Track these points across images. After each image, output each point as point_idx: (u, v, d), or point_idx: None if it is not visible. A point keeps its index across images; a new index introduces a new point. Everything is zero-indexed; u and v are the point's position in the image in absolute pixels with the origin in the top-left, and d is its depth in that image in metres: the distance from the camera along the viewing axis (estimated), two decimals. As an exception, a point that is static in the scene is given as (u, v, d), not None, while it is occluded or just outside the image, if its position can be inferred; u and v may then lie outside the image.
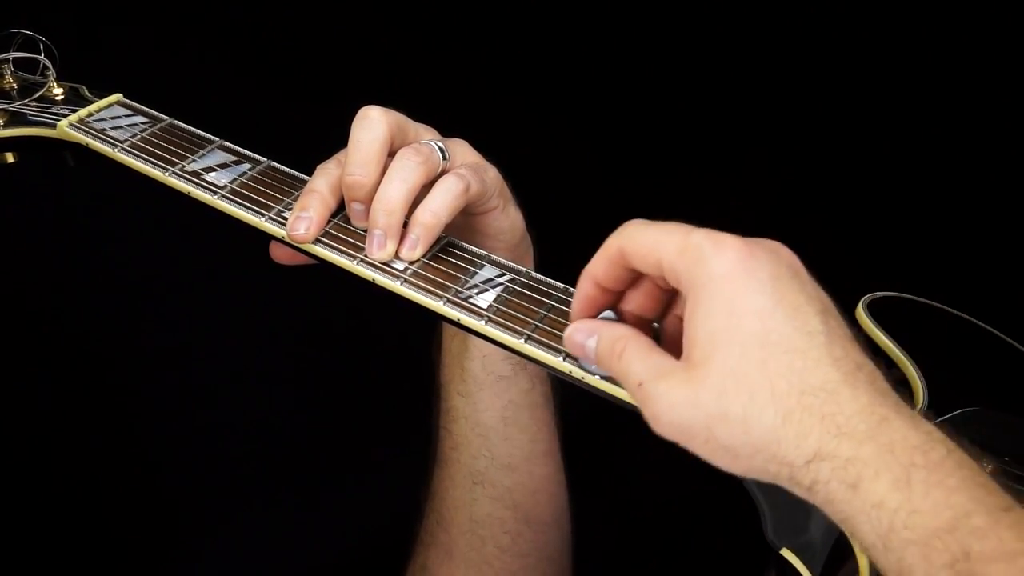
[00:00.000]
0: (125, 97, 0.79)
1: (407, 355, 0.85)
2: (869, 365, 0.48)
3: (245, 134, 0.76)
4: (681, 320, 0.51)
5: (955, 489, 0.43)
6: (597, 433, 0.83)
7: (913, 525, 0.43)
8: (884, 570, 0.44)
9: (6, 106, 0.77)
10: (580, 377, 0.59)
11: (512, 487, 0.79)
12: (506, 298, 0.63)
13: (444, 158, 0.67)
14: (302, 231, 0.65)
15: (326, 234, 0.66)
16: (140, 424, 1.26)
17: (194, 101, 0.80)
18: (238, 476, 1.23)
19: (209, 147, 0.74)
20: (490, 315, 0.62)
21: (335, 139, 0.69)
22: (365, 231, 0.66)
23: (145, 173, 0.72)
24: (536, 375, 0.79)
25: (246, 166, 0.72)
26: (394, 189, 0.64)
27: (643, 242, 0.52)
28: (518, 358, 0.76)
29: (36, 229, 1.22)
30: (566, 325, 0.61)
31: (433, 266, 0.65)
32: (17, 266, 1.19)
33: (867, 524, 0.44)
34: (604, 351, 0.53)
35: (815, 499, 0.46)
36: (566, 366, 0.59)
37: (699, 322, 0.48)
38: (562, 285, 0.65)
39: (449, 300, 0.63)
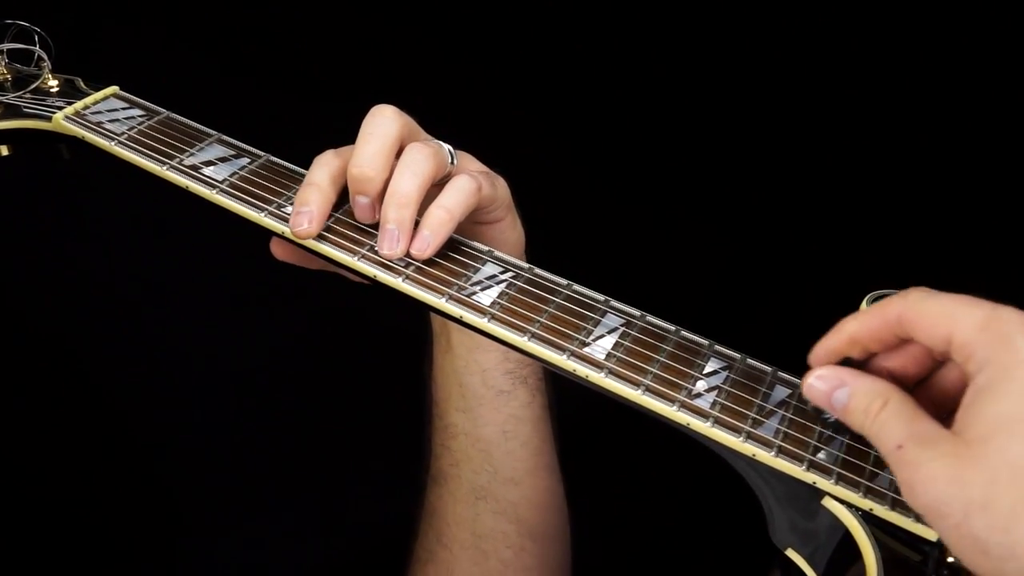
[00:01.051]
0: (121, 90, 0.78)
1: (408, 358, 0.84)
2: None
3: (243, 128, 0.75)
4: (940, 390, 0.49)
5: None
6: (597, 434, 0.82)
7: None
8: None
9: (0, 98, 0.76)
10: (584, 376, 0.59)
11: (516, 501, 0.78)
12: (509, 295, 0.63)
13: (452, 160, 0.67)
14: (304, 225, 0.64)
15: (328, 229, 0.66)
16: (138, 425, 1.25)
17: (191, 94, 0.79)
18: (237, 479, 1.22)
19: (207, 141, 0.73)
20: (493, 312, 0.61)
21: (333, 133, 0.68)
22: (368, 226, 0.65)
23: (142, 167, 0.71)
24: (536, 388, 0.78)
25: (245, 160, 0.71)
26: (406, 181, 0.63)
27: (934, 312, 0.48)
28: (518, 372, 0.77)
29: (32, 225, 1.21)
30: (570, 322, 0.61)
31: (436, 262, 0.65)
32: (13, 263, 1.18)
33: None
34: (858, 406, 0.50)
35: None
36: (570, 364, 0.59)
37: (988, 400, 0.45)
38: (566, 281, 0.65)
39: (452, 297, 0.62)
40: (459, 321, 0.62)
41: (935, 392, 0.52)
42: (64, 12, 1.06)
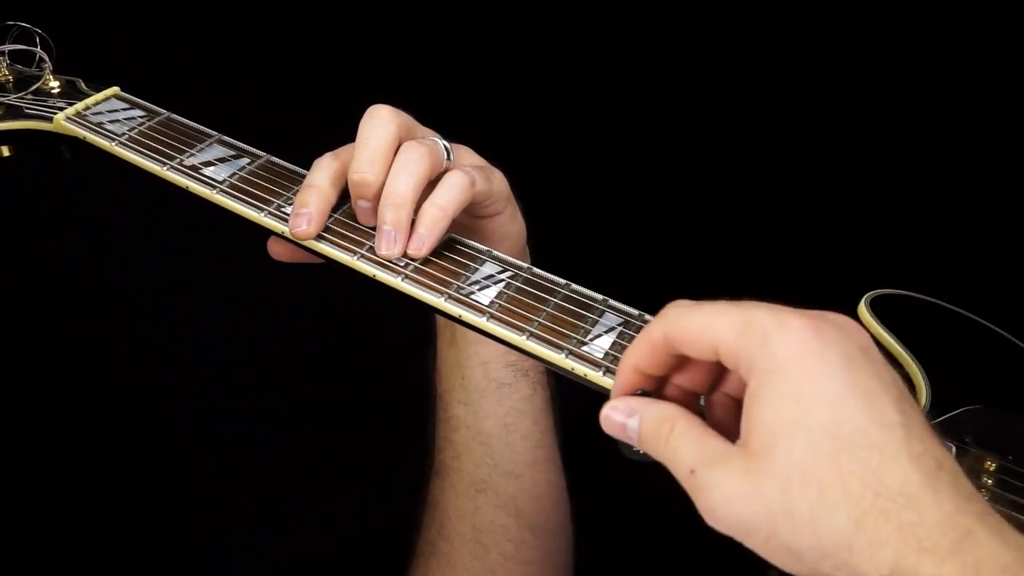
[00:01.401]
0: (122, 91, 0.78)
1: (406, 362, 0.85)
2: (949, 461, 0.44)
3: (243, 129, 0.75)
4: (730, 398, 0.48)
5: None
6: (597, 434, 0.82)
7: None
8: None
9: (2, 99, 0.77)
10: (583, 375, 0.59)
11: (516, 494, 0.78)
12: (508, 294, 0.63)
13: (448, 157, 0.67)
14: (304, 227, 0.65)
15: (327, 229, 0.66)
16: (138, 425, 1.25)
17: (192, 95, 0.79)
18: (237, 478, 1.23)
19: (208, 141, 0.73)
20: (492, 312, 0.62)
21: (334, 135, 0.69)
22: (371, 228, 0.65)
23: (143, 167, 0.71)
24: (537, 381, 0.78)
25: (245, 160, 0.72)
26: (401, 182, 0.64)
27: (693, 327, 0.47)
28: (519, 365, 0.77)
29: (33, 225, 1.21)
30: (568, 321, 0.61)
31: (435, 262, 0.65)
32: (13, 263, 1.19)
33: None
34: (648, 433, 0.48)
35: None
36: (568, 363, 0.59)
37: (762, 407, 0.44)
38: (564, 281, 0.65)
39: (451, 296, 0.63)
40: (458, 320, 0.62)
41: (731, 400, 0.50)
42: (65, 14, 1.06)
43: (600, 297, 0.64)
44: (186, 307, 1.25)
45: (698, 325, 0.47)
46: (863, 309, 0.72)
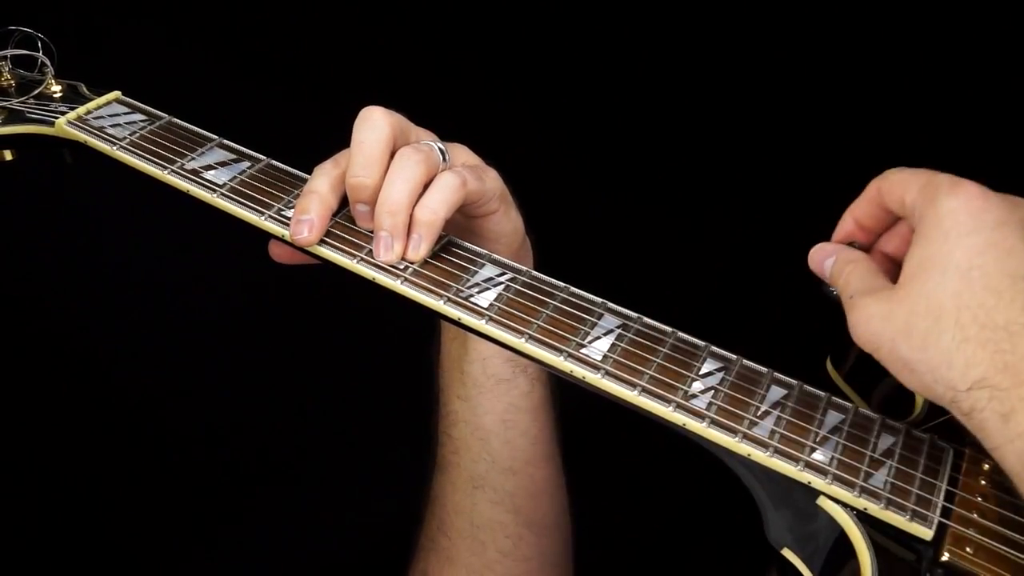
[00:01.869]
0: (124, 95, 0.79)
1: (409, 357, 0.85)
2: None
3: (244, 132, 0.75)
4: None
5: None
6: (596, 434, 0.83)
7: None
8: None
9: (4, 103, 0.77)
10: (581, 377, 0.59)
11: (513, 491, 0.79)
12: (507, 297, 0.63)
13: (444, 159, 0.67)
14: (304, 234, 0.65)
15: (327, 233, 0.66)
16: (139, 424, 1.25)
17: (193, 99, 0.80)
18: (238, 477, 1.23)
19: (208, 145, 0.73)
20: (491, 314, 0.62)
21: (334, 138, 0.69)
22: (370, 231, 0.66)
23: (144, 171, 0.72)
24: (536, 378, 0.79)
25: (245, 164, 0.72)
26: (396, 189, 0.64)
27: (895, 181, 0.56)
28: (518, 361, 0.77)
29: (34, 227, 1.21)
30: (567, 325, 0.62)
31: (434, 265, 0.65)
32: (15, 264, 1.19)
33: (1013, 454, 0.48)
34: (836, 270, 0.58)
35: (971, 425, 0.50)
36: (567, 365, 0.59)
37: (915, 248, 0.53)
38: (563, 284, 0.65)
39: (450, 299, 0.63)
40: (457, 323, 0.62)
41: None
42: (67, 19, 1.07)
43: (599, 300, 0.64)
44: (187, 308, 1.25)
45: (898, 179, 0.56)
46: None
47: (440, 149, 0.67)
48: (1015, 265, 0.51)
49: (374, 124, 0.65)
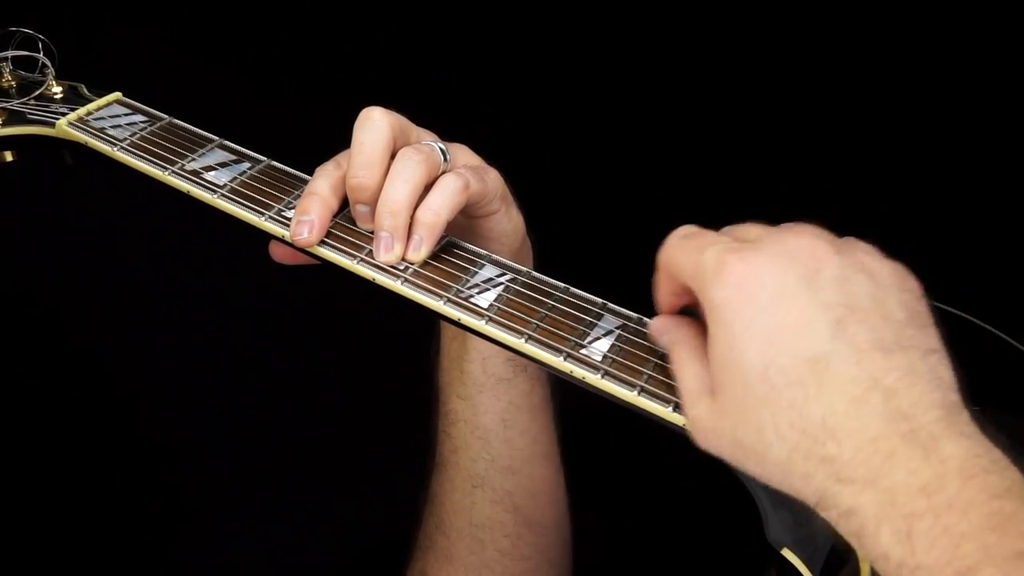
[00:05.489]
0: (124, 96, 0.79)
1: (408, 356, 0.85)
2: (892, 375, 0.44)
3: (244, 133, 0.75)
4: None
5: (964, 536, 0.39)
6: (596, 433, 0.83)
7: None
8: None
9: (5, 104, 0.77)
10: (581, 377, 0.59)
11: (512, 490, 0.79)
12: (507, 298, 0.63)
13: (445, 159, 0.67)
14: (305, 235, 0.65)
15: (327, 233, 0.66)
16: (140, 425, 1.25)
17: (193, 100, 0.80)
18: (237, 477, 1.23)
19: (209, 146, 0.73)
20: (491, 315, 0.62)
21: (334, 139, 0.69)
22: (370, 232, 0.66)
23: (144, 172, 0.72)
24: (536, 377, 0.78)
25: (246, 165, 0.72)
26: (397, 190, 0.64)
27: (670, 263, 0.52)
28: (518, 360, 0.77)
29: (35, 228, 1.21)
30: (567, 325, 0.62)
31: (434, 265, 0.65)
32: (16, 264, 1.19)
33: (881, 571, 0.42)
34: (670, 353, 0.54)
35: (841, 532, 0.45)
36: (567, 366, 0.59)
37: (711, 348, 0.48)
38: (562, 284, 0.65)
39: (450, 300, 0.63)
40: (457, 323, 0.62)
41: None
42: (67, 19, 1.07)
43: (598, 300, 0.64)
44: (185, 308, 1.25)
45: (672, 259, 0.52)
46: None
47: (441, 149, 0.67)
48: (808, 341, 0.45)
49: (373, 124, 0.65)
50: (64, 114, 0.76)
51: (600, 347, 0.60)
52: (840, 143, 1.19)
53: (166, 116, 0.77)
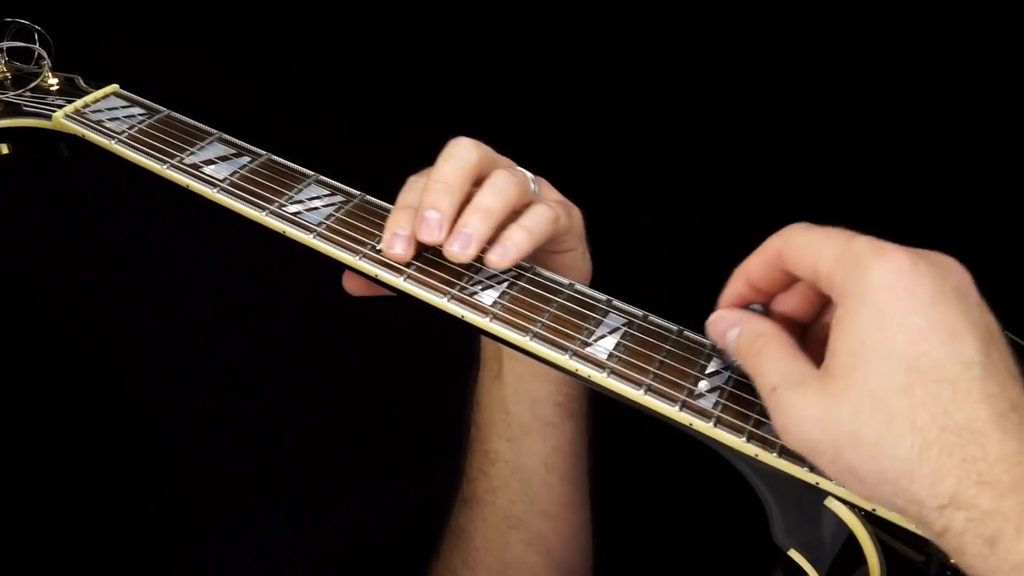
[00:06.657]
0: (122, 88, 0.78)
1: (415, 356, 0.84)
2: None
3: (244, 127, 0.75)
4: (828, 328, 0.48)
5: None
6: (600, 433, 0.82)
7: None
8: None
9: (0, 96, 0.76)
10: (587, 375, 0.58)
11: (547, 533, 0.78)
12: (511, 295, 0.63)
13: (533, 189, 0.66)
14: (398, 249, 0.62)
15: (329, 229, 0.65)
16: (142, 422, 1.25)
17: (192, 93, 0.79)
18: (242, 475, 1.22)
19: (208, 139, 0.73)
20: (495, 312, 0.61)
21: (333, 135, 0.68)
22: (423, 243, 0.63)
23: (143, 165, 0.71)
24: (581, 425, 0.77)
25: (246, 159, 0.71)
26: (491, 198, 0.62)
27: (802, 245, 0.50)
28: (567, 405, 0.76)
29: (30, 222, 1.20)
30: (571, 322, 0.61)
31: (437, 263, 0.64)
32: (10, 259, 1.18)
33: None
34: (743, 345, 0.51)
35: (946, 546, 0.43)
36: (572, 364, 0.59)
37: (846, 332, 0.46)
38: (567, 281, 0.64)
39: (454, 297, 0.62)
40: (460, 321, 0.62)
41: (828, 330, 0.50)
42: (64, 10, 1.05)
43: (604, 297, 0.64)
44: (189, 304, 1.24)
45: (806, 243, 0.49)
46: None
47: (531, 178, 0.66)
48: (961, 347, 0.44)
49: (463, 147, 0.63)
50: (61, 106, 0.75)
51: (606, 345, 0.60)
52: (840, 144, 1.19)
53: (164, 109, 0.76)
